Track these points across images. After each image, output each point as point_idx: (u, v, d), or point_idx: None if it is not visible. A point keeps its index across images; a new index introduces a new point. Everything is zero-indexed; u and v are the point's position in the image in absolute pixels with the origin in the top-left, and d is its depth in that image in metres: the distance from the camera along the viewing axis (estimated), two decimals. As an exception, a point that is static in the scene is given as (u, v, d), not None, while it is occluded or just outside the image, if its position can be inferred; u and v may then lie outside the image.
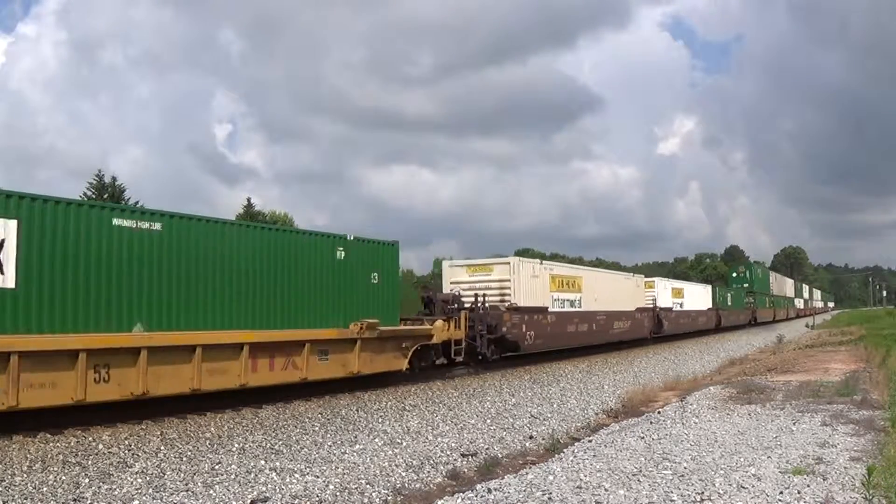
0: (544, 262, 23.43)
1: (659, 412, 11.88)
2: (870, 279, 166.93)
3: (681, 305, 39.01)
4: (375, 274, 16.11)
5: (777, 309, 70.80)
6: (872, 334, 32.37)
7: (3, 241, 9.92)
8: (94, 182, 46.62)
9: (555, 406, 14.31)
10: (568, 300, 24.56)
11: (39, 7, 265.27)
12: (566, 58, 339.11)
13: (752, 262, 68.18)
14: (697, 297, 43.16)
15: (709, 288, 47.06)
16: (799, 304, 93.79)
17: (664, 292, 36.67)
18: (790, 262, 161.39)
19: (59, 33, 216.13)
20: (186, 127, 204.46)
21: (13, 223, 10.04)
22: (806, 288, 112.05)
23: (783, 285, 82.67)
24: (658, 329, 34.09)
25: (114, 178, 47.22)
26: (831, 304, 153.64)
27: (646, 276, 39.00)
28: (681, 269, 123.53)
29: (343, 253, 15.38)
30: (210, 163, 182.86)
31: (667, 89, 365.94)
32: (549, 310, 22.88)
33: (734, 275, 67.02)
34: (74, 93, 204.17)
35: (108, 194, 43.54)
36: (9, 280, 9.93)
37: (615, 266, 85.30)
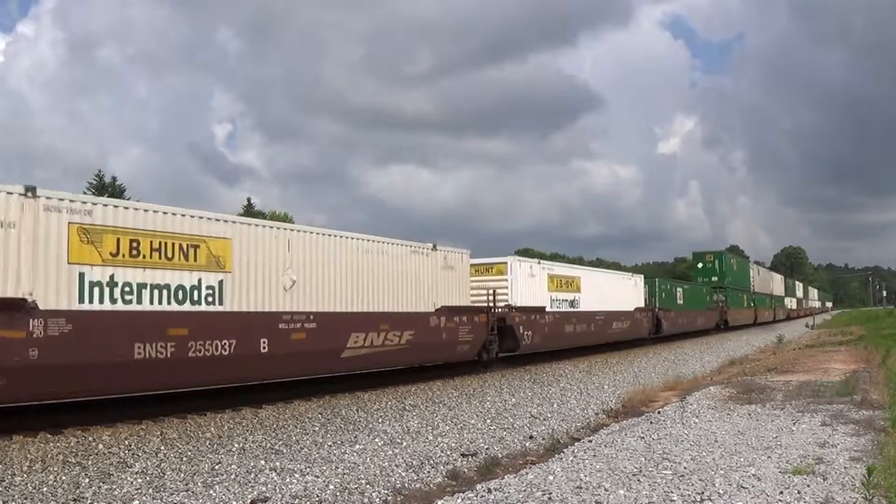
0: (79, 199, 10.60)
1: (659, 412, 11.88)
2: (870, 279, 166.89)
3: (572, 304, 24.97)
4: None
5: (760, 309, 59.09)
6: (872, 334, 32.39)
7: None
8: (94, 182, 46.68)
9: (555, 406, 14.31)
10: (199, 292, 11.79)
11: (38, 7, 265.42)
12: (566, 56, 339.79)
13: (723, 250, 54.56)
14: (614, 291, 29.15)
15: (638, 279, 33.17)
16: (790, 303, 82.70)
17: (529, 282, 22.04)
18: (790, 262, 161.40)
19: (57, 33, 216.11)
20: (185, 126, 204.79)
21: None
22: (799, 286, 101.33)
23: (769, 281, 70.54)
24: (511, 344, 20.50)
25: (114, 178, 47.35)
26: (829, 304, 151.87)
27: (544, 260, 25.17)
28: (680, 270, 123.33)
29: None
30: (209, 162, 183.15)
31: (667, 89, 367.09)
32: (74, 309, 10.08)
33: (699, 266, 51.57)
34: (73, 92, 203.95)
35: (108, 194, 43.54)
36: None
37: (616, 266, 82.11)
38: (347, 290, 14.94)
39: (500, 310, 20.13)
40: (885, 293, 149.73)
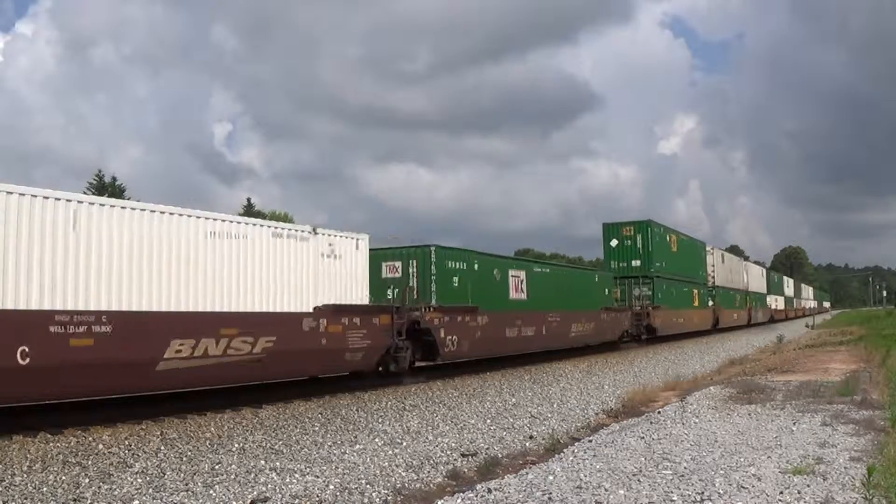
0: None
1: (659, 412, 11.88)
2: (870, 279, 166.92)
3: None
4: None
5: (725, 310, 45.27)
6: (872, 334, 32.39)
7: None
8: (95, 182, 46.71)
9: (555, 406, 14.31)
10: None
11: (36, 6, 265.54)
12: (566, 55, 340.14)
13: (650, 220, 34.43)
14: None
15: (348, 242, 15.44)
16: (776, 302, 68.65)
17: None
18: (790, 262, 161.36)
19: (56, 32, 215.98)
20: (183, 126, 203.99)
21: None
22: (788, 281, 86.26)
23: (741, 273, 53.47)
24: None
25: (114, 178, 47.40)
26: (827, 304, 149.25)
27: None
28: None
29: None
30: (208, 162, 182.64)
31: (667, 88, 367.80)
32: None
33: (612, 244, 33.48)
34: (71, 91, 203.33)
35: (108, 194, 43.56)
36: None
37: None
38: None
39: None
40: (885, 293, 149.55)
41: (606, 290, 28.81)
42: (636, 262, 32.74)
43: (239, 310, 12.90)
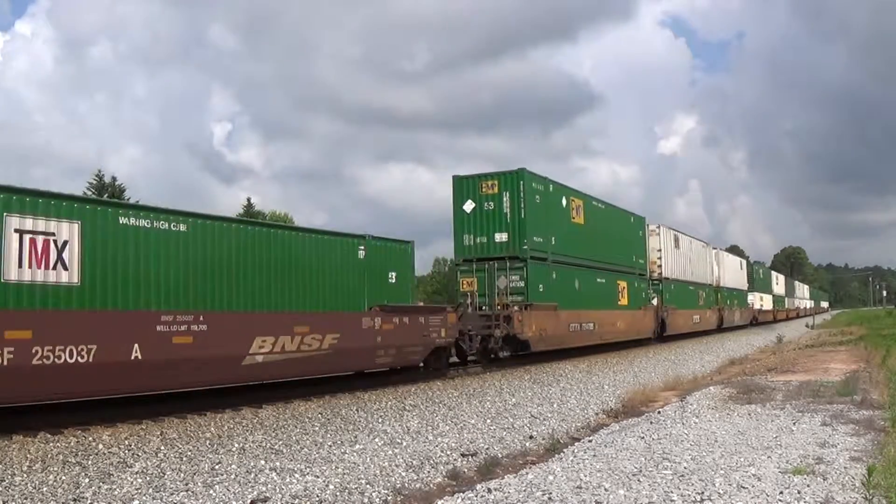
0: None
1: (659, 412, 11.89)
2: (870, 279, 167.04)
3: None
4: None
5: (677, 311, 34.29)
6: (872, 334, 32.40)
7: None
8: (94, 182, 46.73)
9: (555, 406, 14.31)
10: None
11: (35, 6, 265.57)
12: (566, 53, 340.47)
13: (524, 170, 20.78)
14: None
15: None
16: (759, 301, 58.09)
17: None
18: (790, 262, 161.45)
19: (54, 31, 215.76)
20: (182, 125, 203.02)
21: None
22: (778, 278, 73.95)
23: (708, 265, 41.43)
24: None
25: (114, 178, 47.43)
26: (825, 304, 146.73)
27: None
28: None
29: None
30: (207, 162, 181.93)
31: (667, 87, 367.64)
32: None
33: (467, 207, 21.16)
34: (70, 91, 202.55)
35: (108, 194, 43.59)
36: None
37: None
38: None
39: None
40: (885, 293, 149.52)
41: (393, 276, 16.63)
42: (501, 237, 20.92)
43: None
